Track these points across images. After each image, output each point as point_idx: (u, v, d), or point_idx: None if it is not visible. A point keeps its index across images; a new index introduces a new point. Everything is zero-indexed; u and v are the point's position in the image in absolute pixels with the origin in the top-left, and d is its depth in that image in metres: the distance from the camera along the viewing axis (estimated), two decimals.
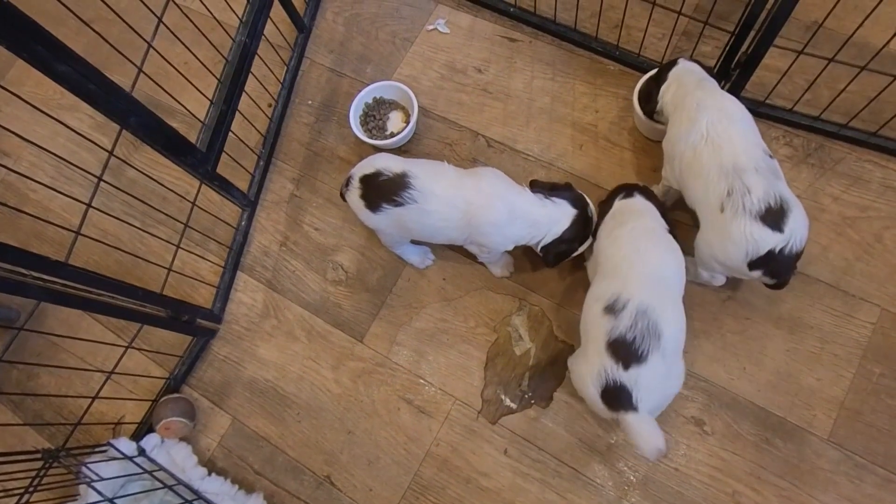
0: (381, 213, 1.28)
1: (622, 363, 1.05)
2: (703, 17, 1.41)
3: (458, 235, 1.31)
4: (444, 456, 1.39)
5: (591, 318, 1.14)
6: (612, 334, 1.07)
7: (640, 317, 1.07)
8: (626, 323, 1.07)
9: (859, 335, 1.32)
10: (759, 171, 1.11)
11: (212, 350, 1.56)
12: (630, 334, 1.06)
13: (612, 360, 1.06)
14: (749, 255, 1.12)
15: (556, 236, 1.28)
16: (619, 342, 1.06)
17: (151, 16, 1.17)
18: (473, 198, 1.24)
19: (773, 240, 1.10)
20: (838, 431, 1.27)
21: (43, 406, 1.58)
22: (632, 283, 1.12)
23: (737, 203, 1.10)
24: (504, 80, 1.66)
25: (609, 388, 1.06)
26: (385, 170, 1.27)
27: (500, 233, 1.26)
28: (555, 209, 1.27)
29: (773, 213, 1.09)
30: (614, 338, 1.07)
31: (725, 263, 1.18)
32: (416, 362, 1.47)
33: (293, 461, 1.44)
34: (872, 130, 1.40)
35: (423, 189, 1.24)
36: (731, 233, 1.12)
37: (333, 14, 1.84)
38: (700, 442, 1.31)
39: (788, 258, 1.12)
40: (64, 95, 1.33)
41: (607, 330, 1.08)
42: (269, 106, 1.73)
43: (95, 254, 1.66)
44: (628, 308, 1.08)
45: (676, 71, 1.30)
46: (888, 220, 1.39)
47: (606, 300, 1.11)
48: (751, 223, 1.09)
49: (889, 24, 1.47)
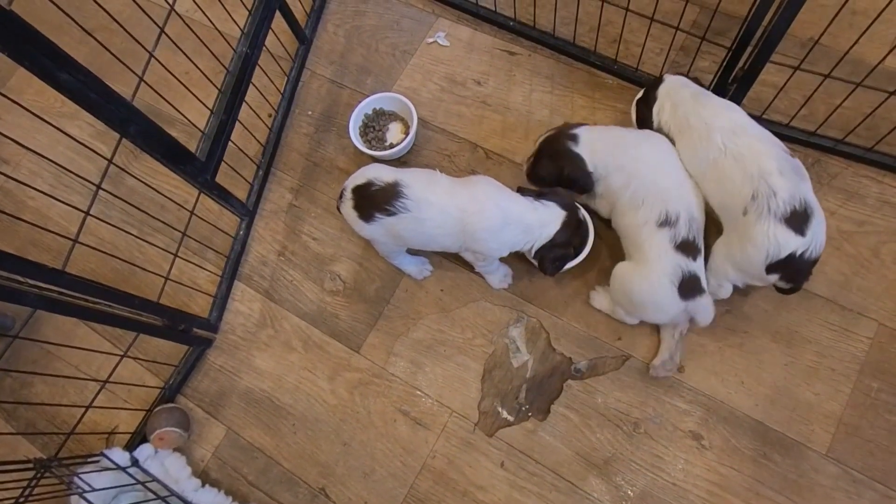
0: (375, 223, 1.28)
1: (691, 256, 1.23)
2: (700, 32, 1.43)
3: (453, 243, 1.31)
4: (441, 469, 1.38)
5: (645, 236, 1.25)
6: (678, 239, 1.22)
7: (692, 221, 1.23)
8: (684, 229, 1.22)
9: (857, 350, 1.32)
10: (784, 173, 1.12)
11: (207, 360, 1.55)
12: (689, 235, 1.23)
13: (684, 256, 1.22)
14: (770, 257, 1.12)
15: (547, 239, 1.28)
16: (684, 243, 1.22)
17: (153, 26, 1.18)
18: (467, 205, 1.24)
19: (794, 243, 1.10)
20: (837, 447, 1.26)
21: (36, 415, 1.57)
22: (672, 199, 1.24)
23: (762, 205, 1.11)
24: (503, 93, 1.68)
25: (686, 280, 1.22)
26: (376, 179, 1.27)
27: (495, 238, 1.27)
28: (545, 211, 1.28)
29: (797, 216, 1.10)
30: (680, 240, 1.22)
31: (742, 266, 1.19)
32: (413, 374, 1.46)
33: (288, 473, 1.43)
34: (868, 146, 1.41)
35: (416, 197, 1.24)
36: (753, 234, 1.12)
37: (334, 26, 1.86)
38: (698, 456, 1.30)
39: (807, 263, 1.13)
40: (64, 104, 1.33)
41: (671, 237, 1.22)
42: (269, 116, 1.73)
43: (92, 262, 1.65)
44: (682, 218, 1.22)
45: (665, 88, 1.30)
46: (885, 234, 1.39)
47: (657, 218, 1.23)
48: (775, 225, 1.10)
49: (884, 42, 1.49)
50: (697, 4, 1.65)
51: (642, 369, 1.37)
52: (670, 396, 1.35)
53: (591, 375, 1.39)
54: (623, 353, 1.39)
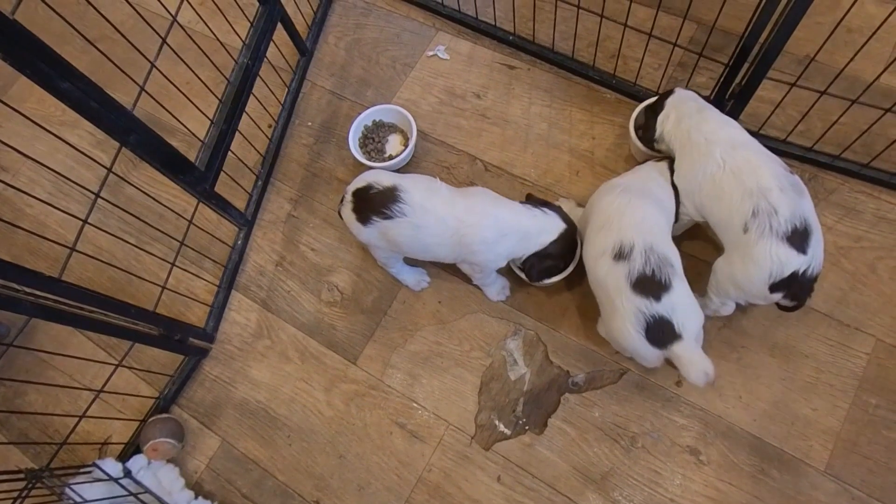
0: (371, 226, 1.28)
1: (653, 296, 1.09)
2: (698, 48, 1.44)
3: (449, 254, 1.31)
4: (437, 482, 1.36)
5: (602, 274, 1.15)
6: (633, 276, 1.10)
7: (649, 253, 1.11)
8: (639, 261, 1.11)
9: (854, 365, 1.32)
10: (784, 190, 1.12)
11: (203, 370, 1.54)
12: (647, 269, 1.10)
13: (643, 297, 1.09)
14: (773, 276, 1.12)
15: (541, 247, 1.28)
16: (641, 279, 1.10)
17: (156, 36, 1.19)
18: (464, 216, 1.25)
19: (797, 262, 1.10)
20: (835, 463, 1.26)
21: (29, 424, 1.55)
22: (626, 229, 1.15)
23: (763, 224, 1.11)
24: (502, 106, 1.69)
25: (651, 326, 1.09)
26: (376, 183, 1.28)
27: (492, 251, 1.27)
28: (545, 219, 1.28)
29: (798, 234, 1.10)
30: (636, 277, 1.10)
31: (744, 286, 1.17)
32: (410, 385, 1.45)
33: (282, 485, 1.41)
34: (864, 162, 1.42)
35: (413, 203, 1.25)
36: (754, 254, 1.12)
37: (335, 38, 1.87)
38: (696, 472, 1.29)
39: (810, 280, 1.13)
40: (65, 112, 1.33)
41: (625, 274, 1.11)
42: (269, 126, 1.74)
43: (89, 270, 1.65)
44: (636, 249, 1.11)
45: (673, 100, 1.32)
46: (881, 250, 1.40)
47: (611, 250, 1.14)
48: (777, 244, 1.10)
49: (879, 59, 1.51)
50: (695, 21, 1.66)
51: (640, 383, 1.37)
52: (668, 411, 1.34)
53: (588, 389, 1.38)
54: (621, 366, 1.39)
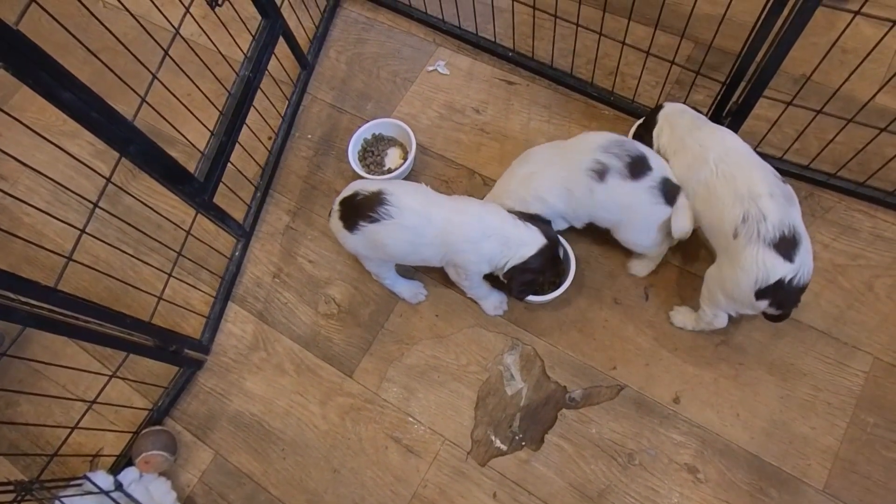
0: (359, 233, 1.29)
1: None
2: (695, 66, 1.46)
3: (435, 254, 1.31)
4: (432, 498, 1.35)
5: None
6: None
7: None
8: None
9: (852, 384, 1.31)
10: (774, 197, 1.13)
11: (198, 381, 1.53)
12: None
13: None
14: (758, 282, 1.12)
15: (521, 260, 1.28)
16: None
17: (158, 48, 1.20)
18: (449, 214, 1.26)
19: (783, 269, 1.11)
20: (833, 482, 1.25)
21: (20, 435, 1.53)
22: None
23: (751, 229, 1.12)
24: (501, 121, 1.70)
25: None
26: (362, 190, 1.29)
27: (475, 250, 1.27)
28: (526, 231, 1.29)
29: (786, 242, 1.10)
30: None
31: (732, 292, 1.18)
32: (406, 400, 1.44)
33: (276, 500, 1.39)
34: (860, 180, 1.43)
35: (399, 204, 1.25)
36: (742, 259, 1.13)
37: (336, 52, 1.89)
38: (693, 490, 1.28)
39: (796, 289, 1.13)
40: (66, 122, 1.34)
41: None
42: (269, 139, 1.75)
43: (86, 280, 1.64)
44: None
45: (665, 113, 1.34)
46: (878, 268, 1.40)
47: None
48: (764, 250, 1.10)
49: (874, 79, 1.52)
50: (692, 40, 1.68)
51: (638, 399, 1.36)
52: (665, 428, 1.33)
53: (585, 405, 1.38)
54: (618, 382, 1.38)
